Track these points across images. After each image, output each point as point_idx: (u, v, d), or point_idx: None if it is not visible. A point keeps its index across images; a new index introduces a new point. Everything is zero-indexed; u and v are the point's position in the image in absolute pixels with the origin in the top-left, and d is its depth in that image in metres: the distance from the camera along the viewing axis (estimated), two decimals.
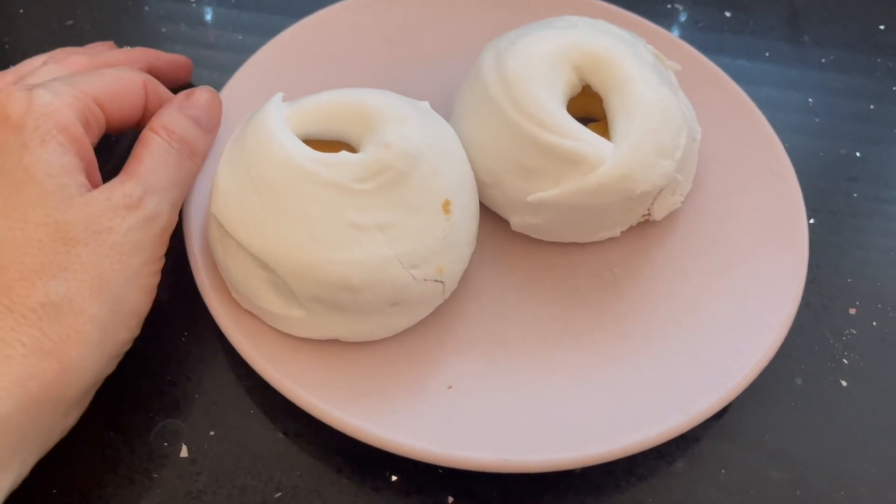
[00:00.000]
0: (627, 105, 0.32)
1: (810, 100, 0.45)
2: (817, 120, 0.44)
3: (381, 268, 0.28)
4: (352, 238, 0.28)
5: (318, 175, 0.28)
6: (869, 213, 0.40)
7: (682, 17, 0.49)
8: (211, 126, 0.33)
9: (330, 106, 0.31)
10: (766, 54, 0.47)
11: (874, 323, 0.36)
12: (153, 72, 0.36)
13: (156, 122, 0.31)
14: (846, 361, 0.35)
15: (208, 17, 0.47)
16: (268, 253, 0.28)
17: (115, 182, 0.28)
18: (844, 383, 0.34)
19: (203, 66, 0.44)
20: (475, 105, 0.34)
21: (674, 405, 0.30)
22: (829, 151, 0.43)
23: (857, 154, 0.43)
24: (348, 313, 0.29)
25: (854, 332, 0.36)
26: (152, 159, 0.29)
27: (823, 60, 0.47)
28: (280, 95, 0.31)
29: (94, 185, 0.28)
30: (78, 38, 0.44)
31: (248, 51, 0.43)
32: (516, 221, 0.34)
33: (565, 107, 0.33)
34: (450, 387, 0.30)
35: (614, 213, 0.34)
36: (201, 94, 0.33)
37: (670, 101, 0.33)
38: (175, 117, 0.31)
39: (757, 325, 0.32)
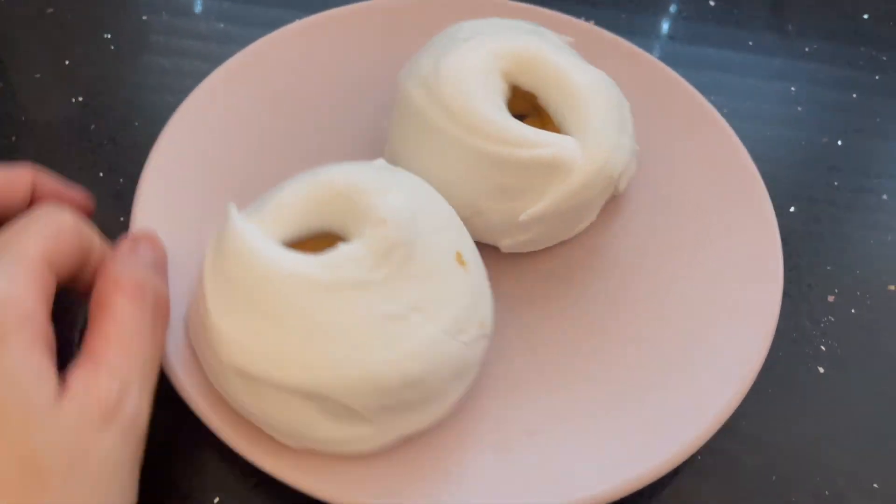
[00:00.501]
0: (568, 95, 0.32)
1: (793, 88, 0.45)
2: (800, 108, 0.44)
3: (434, 348, 0.26)
4: (393, 331, 0.26)
5: (330, 281, 0.26)
6: (849, 201, 0.40)
7: (672, 9, 0.49)
8: (165, 270, 0.28)
9: (298, 200, 0.28)
10: (750, 43, 0.47)
11: (853, 310, 0.36)
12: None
13: (116, 277, 0.25)
14: (824, 348, 0.35)
15: (196, 8, 0.46)
16: (314, 382, 0.25)
17: (82, 377, 0.22)
18: (822, 370, 0.34)
19: (192, 57, 0.43)
20: (422, 142, 0.32)
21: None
22: (810, 140, 0.43)
23: (839, 143, 0.43)
24: (416, 406, 0.27)
25: (832, 319, 0.36)
26: (123, 334, 0.24)
27: (807, 49, 0.47)
28: (234, 207, 0.28)
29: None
30: (59, 27, 0.44)
31: (232, 41, 0.43)
32: (507, 243, 0.33)
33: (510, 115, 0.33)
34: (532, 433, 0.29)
35: (595, 201, 0.34)
36: (151, 239, 0.28)
37: (603, 79, 0.33)
38: (135, 267, 0.26)
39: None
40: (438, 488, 0.28)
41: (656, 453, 0.28)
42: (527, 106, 0.34)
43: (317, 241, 0.29)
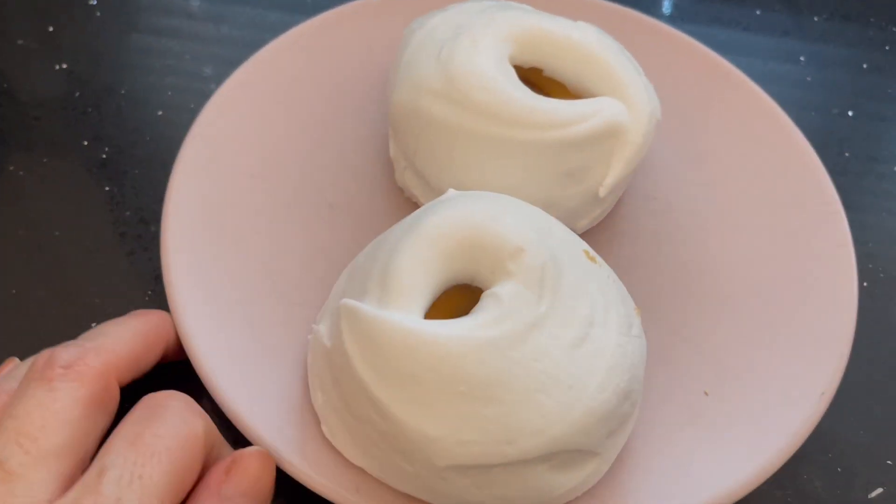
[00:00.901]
0: (583, 57, 0.31)
1: (802, 58, 0.44)
2: (809, 79, 0.43)
3: (625, 353, 0.25)
4: (586, 354, 0.24)
5: (510, 335, 0.23)
6: (860, 172, 0.39)
7: None
8: (265, 496, 0.24)
9: (420, 264, 0.25)
10: (758, 13, 0.46)
11: (865, 284, 0.35)
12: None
13: None
14: None
15: None
16: (547, 442, 0.23)
17: None
18: None
19: (182, 30, 0.42)
20: (472, 157, 0.30)
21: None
22: (820, 110, 0.42)
23: (850, 114, 0.42)
24: (629, 415, 0.26)
25: None
26: None
27: (816, 19, 0.46)
28: (353, 301, 0.24)
29: None
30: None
31: (225, 21, 0.42)
32: (584, 223, 0.33)
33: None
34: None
35: None
36: (249, 463, 0.24)
37: (597, 30, 0.32)
38: None
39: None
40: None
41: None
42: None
43: (441, 301, 0.26)
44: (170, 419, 0.22)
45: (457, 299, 0.27)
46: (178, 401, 0.23)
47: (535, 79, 0.33)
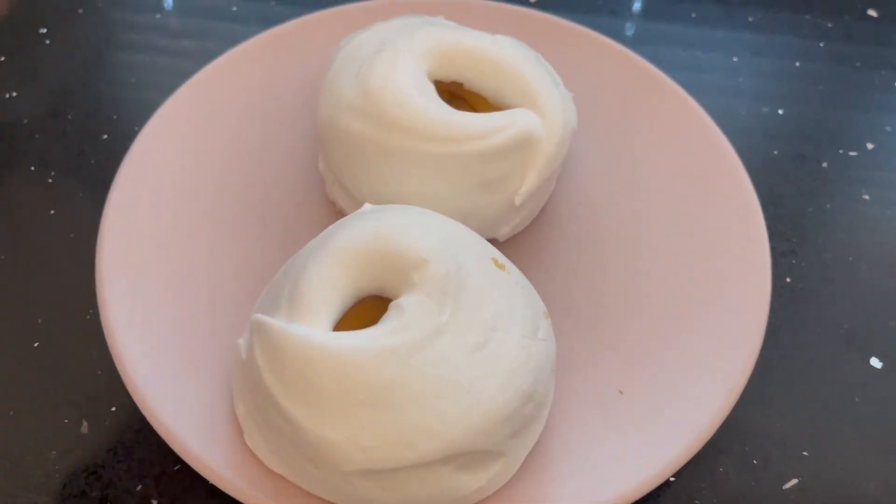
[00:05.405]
0: (501, 71, 0.32)
1: (735, 59, 0.45)
2: (741, 79, 0.44)
3: (528, 356, 0.26)
4: (487, 358, 0.25)
5: (411, 343, 0.25)
6: (788, 170, 0.40)
7: None
8: None
9: (326, 279, 0.26)
10: (693, 15, 0.47)
11: (788, 279, 0.36)
12: None
13: None
14: None
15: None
16: (449, 445, 0.24)
17: None
18: None
19: (133, 67, 0.43)
20: (389, 171, 0.31)
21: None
22: (751, 110, 0.42)
23: (780, 112, 0.43)
24: (535, 416, 0.27)
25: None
26: None
27: (751, 19, 0.47)
28: (263, 317, 0.26)
29: None
30: None
31: (166, 50, 0.43)
32: (505, 231, 0.34)
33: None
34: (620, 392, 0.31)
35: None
36: None
37: (515, 42, 0.33)
38: None
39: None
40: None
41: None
42: (443, 97, 0.34)
43: (354, 310, 0.28)
44: None
45: (373, 310, 0.28)
46: None
47: (461, 92, 0.34)
